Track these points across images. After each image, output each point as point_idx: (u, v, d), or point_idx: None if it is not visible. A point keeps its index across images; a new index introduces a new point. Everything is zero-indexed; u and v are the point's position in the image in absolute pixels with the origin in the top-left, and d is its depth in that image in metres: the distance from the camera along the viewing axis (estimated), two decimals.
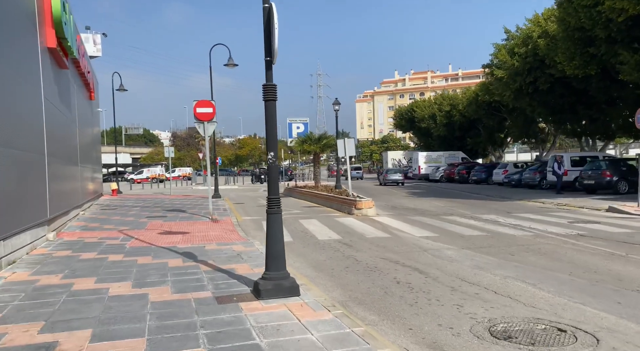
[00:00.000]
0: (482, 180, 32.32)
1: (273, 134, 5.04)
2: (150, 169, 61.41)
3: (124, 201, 21.52)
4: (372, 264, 7.03)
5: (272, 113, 5.02)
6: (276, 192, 5.11)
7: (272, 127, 5.02)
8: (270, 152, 5.04)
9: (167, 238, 9.60)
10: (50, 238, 9.04)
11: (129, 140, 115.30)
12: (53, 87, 10.37)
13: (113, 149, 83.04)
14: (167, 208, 17.02)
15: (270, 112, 5.00)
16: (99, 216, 14.45)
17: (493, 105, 35.70)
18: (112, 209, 17.18)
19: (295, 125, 33.53)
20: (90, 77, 18.53)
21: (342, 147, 15.77)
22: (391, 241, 9.18)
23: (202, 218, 13.81)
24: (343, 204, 15.48)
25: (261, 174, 48.49)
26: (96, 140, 22.96)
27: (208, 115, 13.56)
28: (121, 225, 12.04)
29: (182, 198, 23.85)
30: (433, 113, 48.98)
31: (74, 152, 14.15)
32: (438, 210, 15.56)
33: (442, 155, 42.51)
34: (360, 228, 11.18)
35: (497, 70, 24.53)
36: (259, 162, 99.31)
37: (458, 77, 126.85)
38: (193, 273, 6.09)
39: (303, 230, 11.29)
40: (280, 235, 5.08)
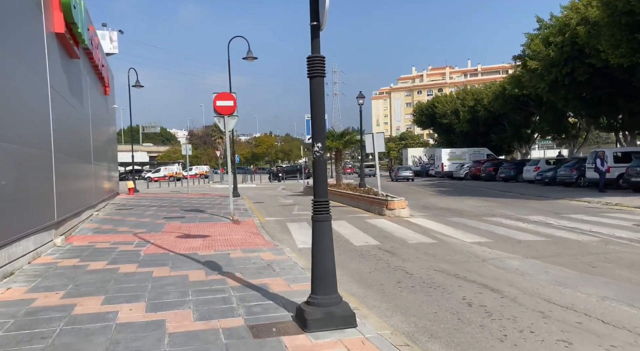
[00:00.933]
0: (511, 177, 30.84)
1: (320, 121, 3.98)
2: (167, 167, 61.11)
3: (141, 200, 20.76)
4: (427, 278, 5.93)
5: (319, 93, 3.96)
6: (324, 193, 4.07)
7: (318, 112, 3.96)
8: (317, 143, 3.99)
9: (186, 243, 8.63)
10: (57, 244, 8.15)
11: (146, 138, 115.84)
12: (61, 77, 9.48)
13: (130, 148, 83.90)
14: (185, 208, 16.13)
15: (317, 91, 3.94)
16: (114, 217, 13.61)
17: (521, 99, 34.14)
18: (127, 209, 16.37)
19: None
20: (105, 71, 17.74)
21: (371, 142, 14.66)
22: (439, 248, 8.05)
23: (222, 219, 12.86)
24: (372, 204, 14.38)
25: (278, 172, 47.61)
26: (112, 137, 22.24)
27: (228, 108, 12.59)
28: (136, 228, 11.14)
29: (200, 197, 23.02)
30: (455, 108, 47.45)
31: (87, 148, 13.32)
32: (475, 210, 14.34)
33: (466, 151, 41.02)
34: (398, 231, 10.06)
35: (530, 61, 23.06)
36: (275, 160, 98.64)
37: (477, 72, 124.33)
38: (218, 291, 5.08)
39: (334, 233, 10.20)
40: (330, 248, 4.04)
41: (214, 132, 66.90)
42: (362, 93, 20.57)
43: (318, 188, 4.03)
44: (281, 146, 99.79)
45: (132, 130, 48.24)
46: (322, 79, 3.95)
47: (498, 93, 36.70)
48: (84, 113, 13.00)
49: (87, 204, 12.69)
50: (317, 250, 3.98)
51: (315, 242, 4.03)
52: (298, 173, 47.78)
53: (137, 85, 28.80)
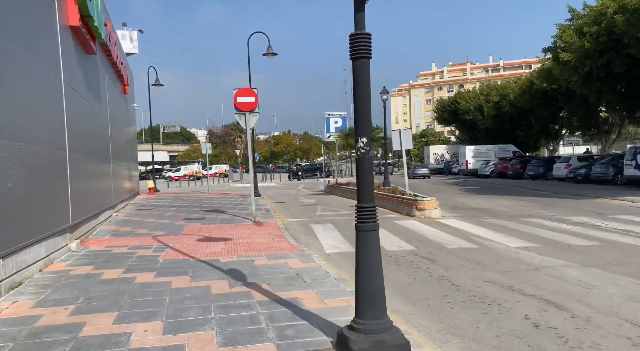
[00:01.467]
0: (540, 175, 29.67)
1: (365, 110, 3.34)
2: (187, 167, 61.32)
3: (161, 200, 20.45)
4: (478, 291, 5.24)
5: (364, 77, 3.32)
6: (370, 197, 3.44)
7: (363, 100, 3.32)
8: (362, 138, 3.35)
9: (207, 247, 8.11)
10: (72, 248, 7.71)
11: (166, 138, 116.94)
12: (77, 72, 9.06)
13: (151, 147, 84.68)
14: (206, 209, 15.69)
15: (362, 76, 3.30)
16: (133, 218, 13.22)
17: (550, 93, 32.85)
18: (147, 209, 16.01)
19: (333, 119, 31.94)
20: (123, 69, 17.43)
21: (398, 138, 13.96)
22: (482, 254, 7.33)
23: (243, 220, 12.33)
24: (400, 204, 13.67)
25: (298, 171, 47.14)
26: (132, 136, 22.01)
27: (250, 105, 12.05)
28: (155, 230, 10.69)
29: (220, 196, 22.63)
30: (479, 104, 46.15)
31: (105, 147, 12.96)
32: (510, 210, 13.51)
33: (492, 148, 39.81)
34: (432, 234, 9.36)
35: (562, 53, 21.94)
36: (293, 158, 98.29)
37: (499, 68, 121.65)
38: (244, 307, 4.50)
39: None
40: (378, 264, 3.41)
41: (233, 131, 66.95)
42: (385, 89, 19.85)
43: (363, 192, 3.40)
44: (300, 144, 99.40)
45: (152, 130, 48.23)
46: (367, 61, 3.31)
47: (525, 88, 35.41)
48: (102, 111, 12.63)
49: (106, 205, 12.33)
50: (363, 266, 3.34)
51: (360, 256, 3.40)
52: (318, 171, 47.23)
53: (156, 84, 28.63)
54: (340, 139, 21.92)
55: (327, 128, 32.03)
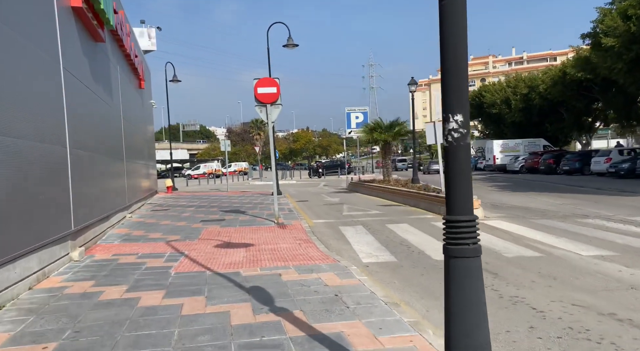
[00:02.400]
0: (576, 170, 27.96)
1: (461, 76, 2.22)
2: (206, 165, 60.94)
3: (179, 199, 19.64)
4: (572, 320, 4.08)
5: (459, 27, 2.20)
6: (468, 206, 2.29)
7: (458, 57, 2.20)
8: (456, 115, 2.22)
9: (226, 256, 7.10)
10: (75, 258, 6.79)
11: (186, 136, 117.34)
12: (81, 59, 8.15)
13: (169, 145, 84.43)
14: (225, 209, 14.75)
15: (454, 23, 2.18)
16: (148, 219, 12.35)
17: (584, 84, 31.06)
18: (164, 210, 15.17)
19: (354, 114, 30.71)
20: (139, 62, 16.60)
21: (432, 131, 12.74)
22: (552, 265, 6.14)
23: (265, 222, 11.32)
24: (434, 203, 12.47)
25: (318, 168, 46.10)
26: (149, 133, 21.27)
27: (271, 96, 11.02)
28: (170, 233, 9.76)
29: (240, 195, 21.74)
30: (506, 97, 44.32)
31: (118, 145, 12.10)
32: (559, 209, 12.19)
33: (521, 143, 38.04)
34: (482, 239, 8.13)
35: (605, 38, 20.31)
36: (313, 155, 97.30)
37: (523, 60, 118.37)
38: (275, 346, 3.44)
39: (400, 240, 8.44)
40: (482, 311, 2.27)
41: (252, 129, 66.30)
42: (414, 80, 18.60)
43: (458, 197, 2.26)
44: (319, 141, 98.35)
45: (171, 127, 47.61)
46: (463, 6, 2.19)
47: (557, 79, 33.60)
48: (114, 105, 11.76)
49: (118, 206, 11.47)
50: (460, 314, 2.22)
51: (454, 298, 2.26)
52: (339, 168, 46.12)
53: (174, 80, 27.94)
54: (364, 134, 20.73)
55: (348, 123, 30.84)
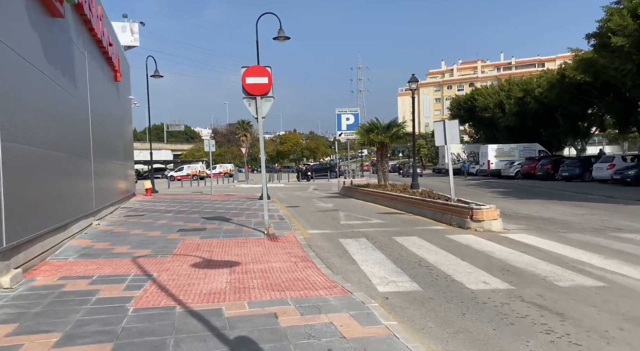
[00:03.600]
0: (576, 176, 26.99)
1: None
2: (190, 166, 59.07)
3: (157, 203, 17.99)
4: None
5: None
6: None
7: None
8: None
9: (205, 281, 5.59)
10: (4, 285, 5.20)
11: (170, 136, 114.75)
12: (27, 33, 6.56)
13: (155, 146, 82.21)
14: (207, 215, 13.20)
15: None
16: (117, 228, 10.74)
17: (583, 87, 30.18)
18: (138, 215, 13.54)
19: (345, 116, 29.48)
20: (114, 52, 14.98)
21: (441, 132, 11.38)
22: (628, 300, 4.77)
23: (253, 232, 9.81)
24: (445, 212, 11.09)
25: (307, 171, 44.62)
26: (126, 131, 19.56)
27: (262, 87, 9.54)
28: (140, 246, 8.20)
29: (225, 199, 20.15)
30: (499, 101, 43.44)
31: (84, 141, 10.49)
32: (579, 219, 10.93)
33: (516, 148, 37.10)
34: (518, 260, 6.77)
35: (614, 37, 19.25)
36: (300, 158, 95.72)
37: (511, 66, 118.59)
38: None
39: (417, 259, 7.02)
40: None
41: (238, 130, 64.63)
42: (414, 77, 17.27)
43: None
44: (307, 144, 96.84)
45: (155, 127, 45.97)
46: None
47: (554, 82, 32.71)
48: (79, 96, 10.15)
49: (82, 212, 9.84)
50: None
51: None
52: (328, 171, 44.74)
53: (156, 75, 26.30)
54: (360, 135, 19.34)
55: (339, 125, 29.65)
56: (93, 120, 11.50)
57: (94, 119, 11.68)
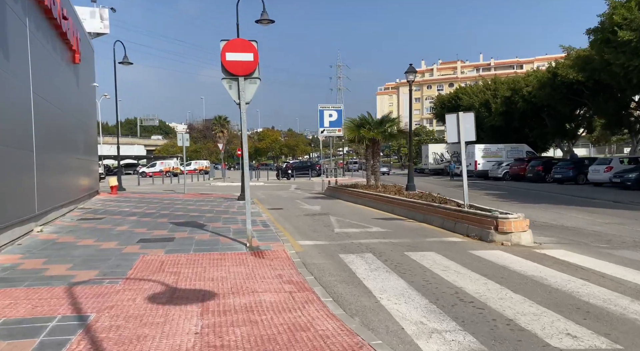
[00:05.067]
0: (569, 178, 25.97)
1: None
2: (164, 162, 56.40)
3: (122, 203, 15.90)
4: None
5: None
6: None
7: None
8: None
9: (163, 334, 3.77)
10: None
11: (144, 131, 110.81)
12: None
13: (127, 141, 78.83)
14: (177, 219, 11.27)
15: None
16: (63, 237, 8.73)
17: (574, 87, 29.30)
18: (96, 219, 11.52)
19: (328, 112, 27.81)
20: (71, 27, 12.86)
21: (454, 126, 9.77)
22: None
23: (233, 244, 7.98)
24: (459, 220, 9.48)
25: (287, 169, 42.74)
26: (87, 122, 17.36)
27: (245, 65, 7.73)
28: (85, 265, 6.29)
29: (199, 198, 18.17)
30: (486, 100, 42.49)
31: (20, 128, 8.46)
32: (610, 229, 9.50)
33: (503, 148, 36.10)
34: (586, 292, 5.14)
35: (622, 32, 18.06)
36: (278, 155, 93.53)
37: (490, 66, 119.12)
38: None
39: (451, 289, 5.34)
40: None
41: (215, 126, 62.22)
42: (412, 67, 15.68)
43: None
44: (286, 141, 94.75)
45: (124, 119, 42.86)
46: None
47: (546, 81, 31.77)
48: (14, 71, 8.12)
49: (14, 217, 7.84)
50: None
51: None
52: (309, 170, 42.98)
53: (125, 62, 23.97)
54: (350, 131, 17.64)
55: (321, 122, 27.93)
56: (37, 104, 9.45)
57: (39, 103, 9.63)
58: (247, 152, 8.17)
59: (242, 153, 8.21)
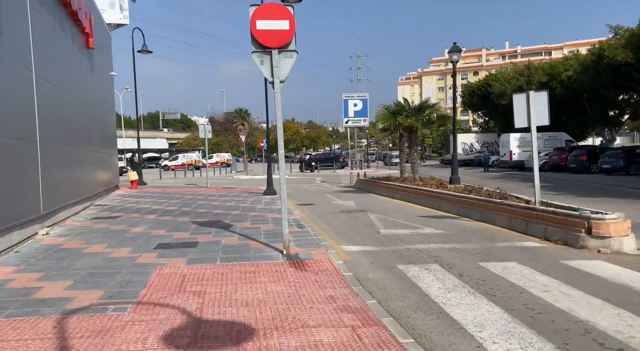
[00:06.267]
0: (619, 168, 23.91)
1: None
2: (186, 155, 55.75)
3: (142, 198, 14.82)
4: None
5: None
6: None
7: None
8: None
9: None
10: None
11: (166, 125, 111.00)
12: None
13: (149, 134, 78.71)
14: (201, 218, 10.04)
15: None
16: (69, 242, 7.55)
17: (622, 69, 26.99)
18: (112, 217, 10.39)
19: (352, 102, 26.37)
20: (82, 7, 11.70)
21: (524, 108, 8.24)
22: None
23: (266, 251, 6.66)
24: (532, 220, 7.96)
25: (311, 161, 41.41)
26: (105, 113, 16.29)
27: (280, 35, 6.37)
28: (88, 283, 5.06)
29: (223, 193, 16.98)
30: (519, 86, 40.07)
31: (19, 117, 7.29)
32: None
33: (540, 137, 33.83)
34: None
35: None
36: (300, 147, 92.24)
37: (517, 54, 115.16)
38: None
39: (575, 324, 3.91)
40: None
41: (236, 119, 61.31)
42: (457, 46, 14.06)
43: None
44: (307, 133, 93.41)
45: (150, 115, 42.37)
46: None
47: (589, 64, 29.45)
48: (7, 48, 6.92)
49: (14, 219, 6.68)
50: None
51: None
52: (333, 162, 41.56)
53: (143, 51, 22.98)
54: (384, 119, 16.12)
55: (345, 112, 26.48)
56: (42, 88, 8.27)
57: (44, 88, 8.46)
58: (283, 140, 6.80)
59: (278, 145, 6.87)
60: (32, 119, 7.81)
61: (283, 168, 6.77)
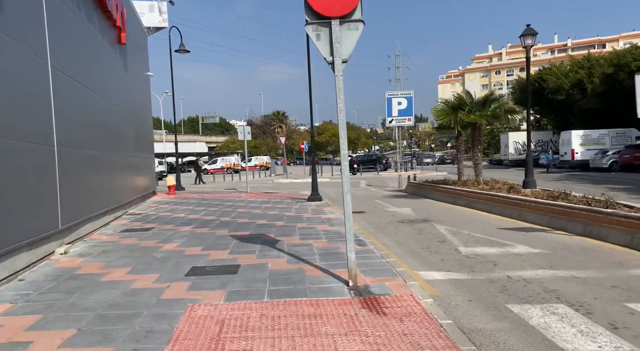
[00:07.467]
0: None
1: None
2: (225, 158, 55.38)
3: (178, 206, 13.72)
4: None
5: None
6: None
7: None
8: None
9: None
10: None
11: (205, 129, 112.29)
12: None
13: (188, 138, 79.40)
14: (241, 231, 8.67)
15: None
16: (89, 264, 6.32)
17: None
18: (143, 230, 9.20)
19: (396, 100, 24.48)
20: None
21: None
22: None
23: (325, 280, 5.14)
24: None
25: (353, 163, 39.81)
26: (140, 115, 15.34)
27: (343, 2, 4.85)
28: (92, 335, 3.69)
29: (263, 199, 15.67)
30: (579, 80, 37.12)
31: (29, 116, 6.11)
32: None
33: (607, 134, 30.96)
34: None
35: None
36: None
37: (567, 48, 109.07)
38: None
39: None
40: None
41: (274, 121, 60.62)
42: (531, 28, 12.15)
43: None
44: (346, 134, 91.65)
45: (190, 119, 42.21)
46: None
47: None
48: (9, 29, 5.76)
49: (22, 239, 5.48)
50: None
51: None
52: (376, 164, 39.80)
53: (181, 50, 22.16)
54: (443, 115, 14.34)
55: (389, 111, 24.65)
56: (59, 82, 7.12)
57: (63, 82, 7.32)
58: (346, 138, 5.29)
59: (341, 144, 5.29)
60: (46, 118, 6.65)
61: (347, 173, 5.24)
